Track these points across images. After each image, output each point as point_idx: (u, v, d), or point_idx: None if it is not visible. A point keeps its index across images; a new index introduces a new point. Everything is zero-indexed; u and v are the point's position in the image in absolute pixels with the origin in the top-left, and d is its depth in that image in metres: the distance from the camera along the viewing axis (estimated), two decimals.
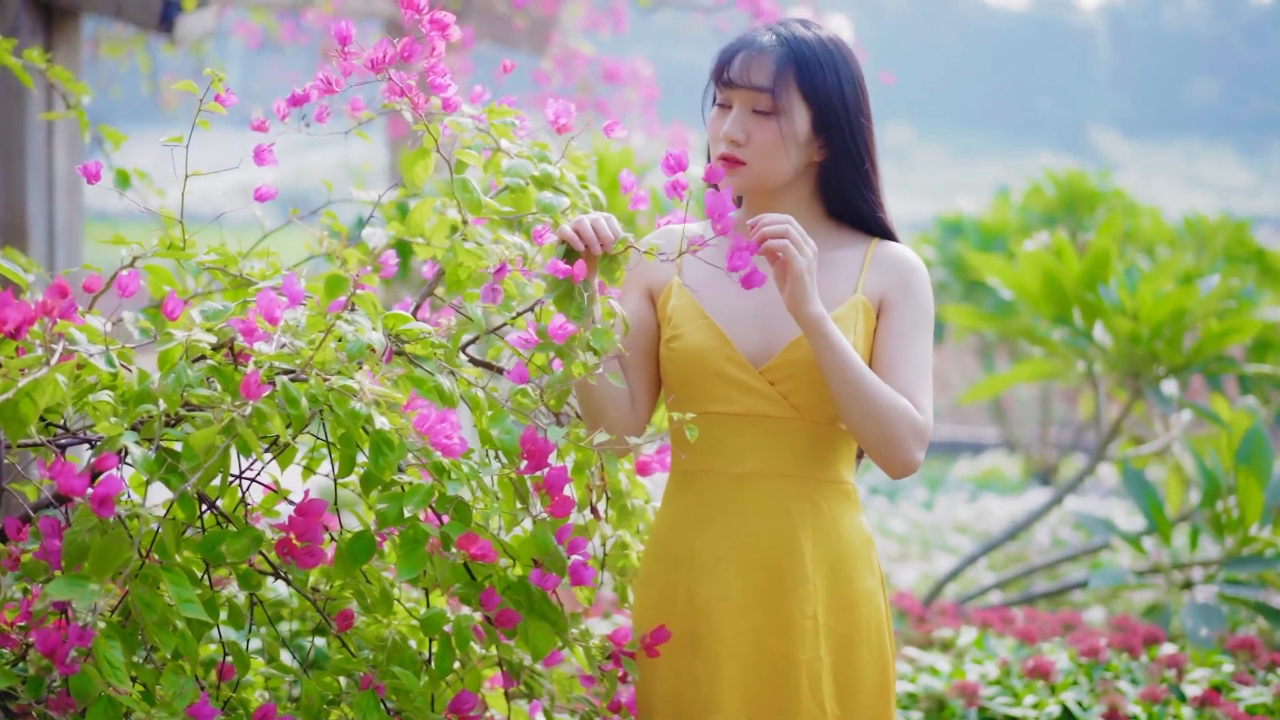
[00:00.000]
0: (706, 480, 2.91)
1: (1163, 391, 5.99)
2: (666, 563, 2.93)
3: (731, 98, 2.87)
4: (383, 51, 2.77)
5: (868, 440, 2.80)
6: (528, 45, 8.76)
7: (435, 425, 2.51)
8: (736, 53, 2.87)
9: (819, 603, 2.87)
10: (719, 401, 2.88)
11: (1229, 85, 59.07)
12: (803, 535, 2.87)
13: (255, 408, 2.46)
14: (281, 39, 10.60)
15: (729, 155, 2.87)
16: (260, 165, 2.98)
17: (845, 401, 2.77)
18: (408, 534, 2.61)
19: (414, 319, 2.76)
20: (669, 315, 2.93)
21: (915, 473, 2.91)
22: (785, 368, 2.86)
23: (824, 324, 2.75)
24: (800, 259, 2.70)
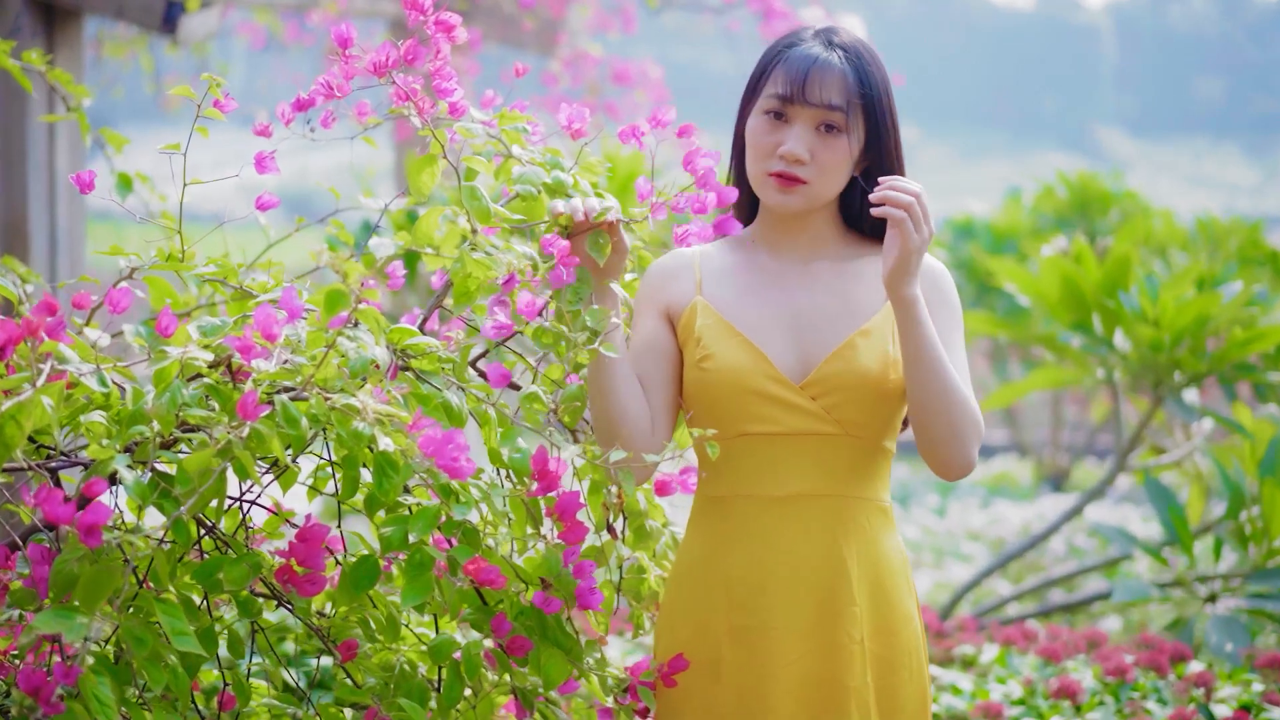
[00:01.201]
0: (742, 506, 2.78)
1: (1184, 399, 5.86)
2: (699, 594, 2.80)
3: (794, 113, 2.75)
4: (386, 54, 2.65)
5: (938, 435, 2.70)
6: (535, 47, 8.65)
7: (442, 446, 2.39)
8: (806, 69, 2.74)
9: (864, 627, 2.76)
10: (757, 421, 2.76)
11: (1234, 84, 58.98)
12: (848, 558, 2.76)
13: (253, 429, 2.34)
14: (285, 39, 10.50)
15: (788, 174, 2.76)
16: (262, 173, 2.87)
17: (926, 392, 2.68)
18: (413, 558, 2.48)
19: (420, 332, 2.64)
20: (697, 335, 2.80)
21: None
22: (827, 381, 2.75)
23: (918, 307, 2.66)
24: (915, 236, 2.62)
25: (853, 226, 2.90)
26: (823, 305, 2.81)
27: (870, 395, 2.74)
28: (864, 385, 2.74)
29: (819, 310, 2.80)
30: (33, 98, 5.11)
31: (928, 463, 2.76)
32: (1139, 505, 9.74)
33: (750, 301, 2.81)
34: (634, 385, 2.75)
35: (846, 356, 2.75)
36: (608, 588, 2.87)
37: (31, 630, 2.21)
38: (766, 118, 2.77)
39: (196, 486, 2.32)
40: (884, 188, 2.65)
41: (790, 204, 2.77)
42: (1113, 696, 4.19)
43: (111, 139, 4.34)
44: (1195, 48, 59.24)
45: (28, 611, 2.45)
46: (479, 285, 2.78)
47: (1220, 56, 58.95)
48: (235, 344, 2.37)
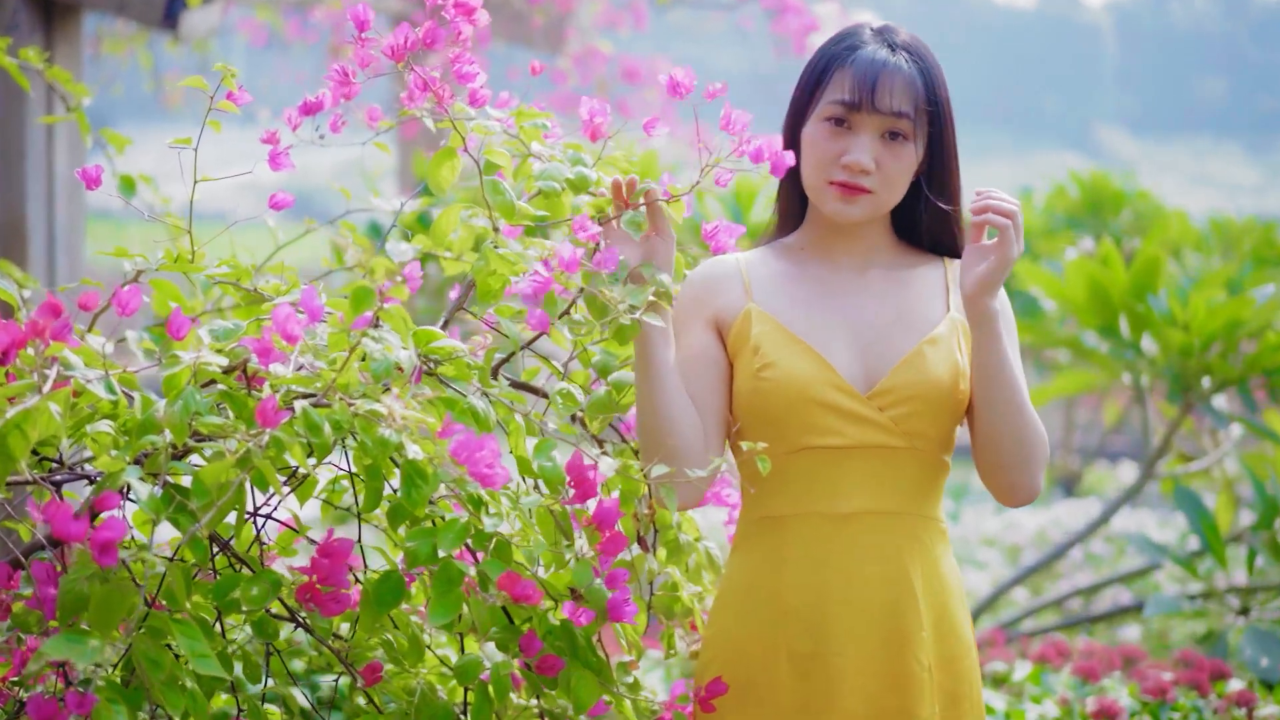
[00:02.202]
0: (802, 525, 2.63)
1: (1213, 405, 5.72)
2: (753, 619, 2.64)
3: (858, 120, 2.62)
4: (404, 37, 2.51)
5: (1009, 459, 2.58)
6: (543, 44, 8.50)
7: (474, 453, 2.25)
8: (874, 75, 2.61)
9: (931, 654, 2.62)
10: (820, 434, 2.61)
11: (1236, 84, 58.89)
12: (915, 579, 2.62)
13: (273, 436, 2.20)
14: (287, 36, 10.36)
15: (852, 184, 2.62)
16: (276, 169, 2.73)
17: (1000, 411, 2.57)
18: (441, 574, 2.34)
19: (445, 336, 2.51)
20: (754, 343, 2.65)
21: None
22: (896, 391, 2.61)
23: (998, 322, 2.56)
24: (1015, 248, 2.51)
25: (901, 234, 2.78)
26: (883, 314, 2.68)
27: (940, 406, 2.62)
28: (935, 395, 2.61)
29: (880, 319, 2.67)
30: (31, 96, 4.99)
31: (991, 487, 2.62)
32: (1154, 510, 9.60)
33: (807, 309, 2.67)
34: (683, 395, 2.60)
35: (916, 365, 2.62)
36: (638, 604, 2.73)
37: (41, 656, 2.07)
38: (827, 125, 2.63)
39: (214, 499, 2.18)
40: (985, 198, 2.54)
41: (853, 215, 2.64)
42: (1152, 717, 4.04)
43: (113, 139, 4.21)
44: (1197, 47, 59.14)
45: (30, 634, 2.31)
46: (503, 284, 2.64)
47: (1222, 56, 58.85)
48: (253, 346, 2.23)
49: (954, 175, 2.70)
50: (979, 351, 2.57)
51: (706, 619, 2.74)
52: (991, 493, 2.64)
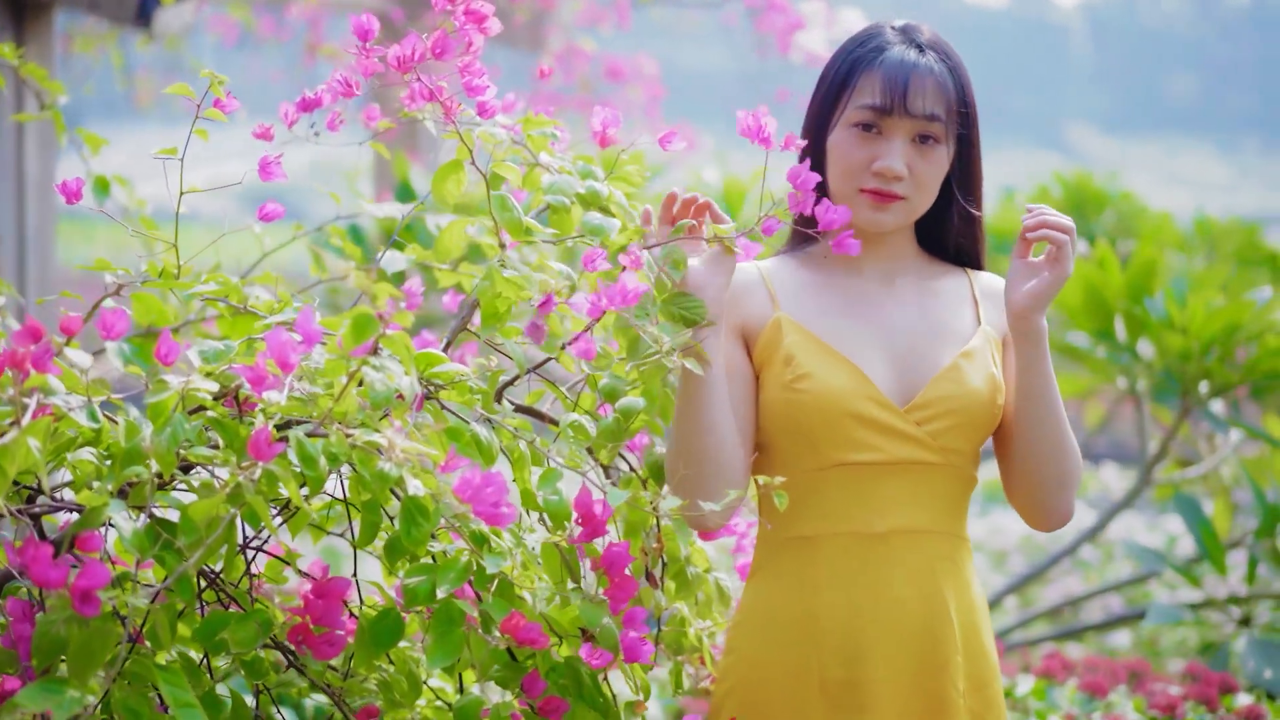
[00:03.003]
0: (835, 546, 2.51)
1: (1211, 410, 5.61)
2: (781, 645, 2.52)
3: (889, 125, 2.51)
4: (412, 48, 2.37)
5: (1047, 481, 2.49)
6: (524, 42, 8.36)
7: (481, 489, 2.11)
8: (905, 78, 2.50)
9: (963, 678, 2.51)
10: (856, 449, 2.49)
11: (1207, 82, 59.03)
12: (949, 601, 2.51)
13: (265, 470, 2.07)
14: (261, 34, 10.20)
15: (885, 191, 2.50)
16: (266, 179, 2.60)
17: (1040, 432, 2.48)
18: (441, 614, 2.21)
19: (448, 359, 2.37)
20: (786, 354, 2.52)
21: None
22: (934, 405, 2.50)
23: (1045, 340, 2.47)
24: (1069, 265, 2.44)
25: (922, 242, 2.66)
26: (915, 325, 2.56)
27: (977, 421, 2.52)
28: (973, 409, 2.50)
29: (913, 330, 2.55)
30: (2, 94, 4.85)
31: (1025, 509, 2.51)
32: (1142, 513, 9.50)
33: (837, 319, 2.55)
34: (729, 408, 2.48)
35: (955, 378, 2.51)
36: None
37: (15, 706, 1.93)
38: (855, 130, 2.52)
39: (203, 537, 2.05)
40: (1039, 214, 2.45)
41: (885, 222, 2.52)
42: None
43: (89, 140, 4.06)
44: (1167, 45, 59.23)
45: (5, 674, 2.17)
46: (509, 306, 2.51)
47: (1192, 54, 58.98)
48: (246, 373, 2.09)
49: (980, 179, 2.60)
50: (1026, 369, 2.47)
51: (721, 649, 2.61)
52: (1023, 515, 2.54)
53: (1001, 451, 2.56)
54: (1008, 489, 2.56)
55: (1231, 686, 4.24)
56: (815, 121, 2.57)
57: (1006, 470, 2.54)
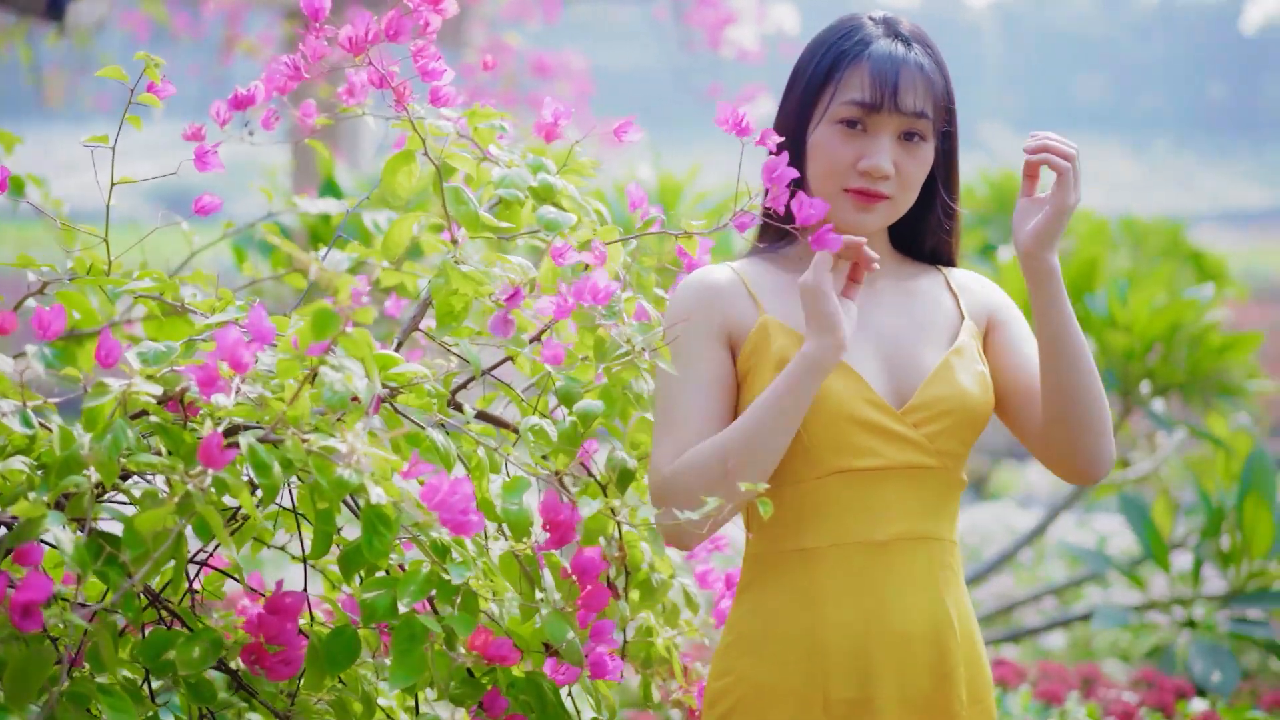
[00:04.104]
0: (838, 557, 2.38)
1: (1154, 410, 5.56)
2: (783, 664, 2.38)
3: (876, 122, 2.39)
4: (365, 29, 2.24)
5: (1092, 423, 2.36)
6: (447, 38, 8.20)
7: (447, 497, 1.98)
8: (894, 73, 2.38)
9: (966, 690, 2.40)
10: (857, 455, 2.37)
11: (1117, 83, 59.59)
12: (951, 609, 2.40)
13: (216, 478, 1.94)
14: (175, 30, 10.00)
15: (872, 191, 2.39)
16: (203, 170, 2.46)
17: (1077, 372, 2.35)
18: (402, 631, 2.08)
19: (404, 361, 2.24)
20: (777, 358, 2.37)
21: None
22: (929, 407, 2.39)
23: (1059, 278, 2.35)
24: (1074, 193, 2.32)
25: (898, 244, 2.57)
26: (900, 326, 2.45)
27: (969, 421, 2.41)
28: (967, 409, 2.40)
29: (899, 331, 2.45)
30: None
31: (1066, 463, 2.39)
32: (1071, 512, 9.47)
33: None
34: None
35: (947, 378, 2.41)
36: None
37: None
38: (839, 127, 2.40)
39: (150, 551, 1.91)
40: (1041, 139, 2.33)
41: (869, 224, 2.41)
42: None
43: (2, 137, 3.89)
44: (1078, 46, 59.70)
45: None
46: (466, 305, 2.38)
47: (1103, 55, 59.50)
48: (196, 375, 1.95)
49: (955, 175, 2.50)
50: (1045, 310, 2.35)
51: (708, 670, 2.49)
52: (1066, 469, 2.40)
53: (1027, 414, 2.44)
54: (1044, 448, 2.42)
55: (1186, 692, 4.17)
56: (795, 118, 2.45)
57: (1039, 432, 2.41)
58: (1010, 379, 2.47)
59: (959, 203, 2.51)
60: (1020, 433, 2.47)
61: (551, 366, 2.34)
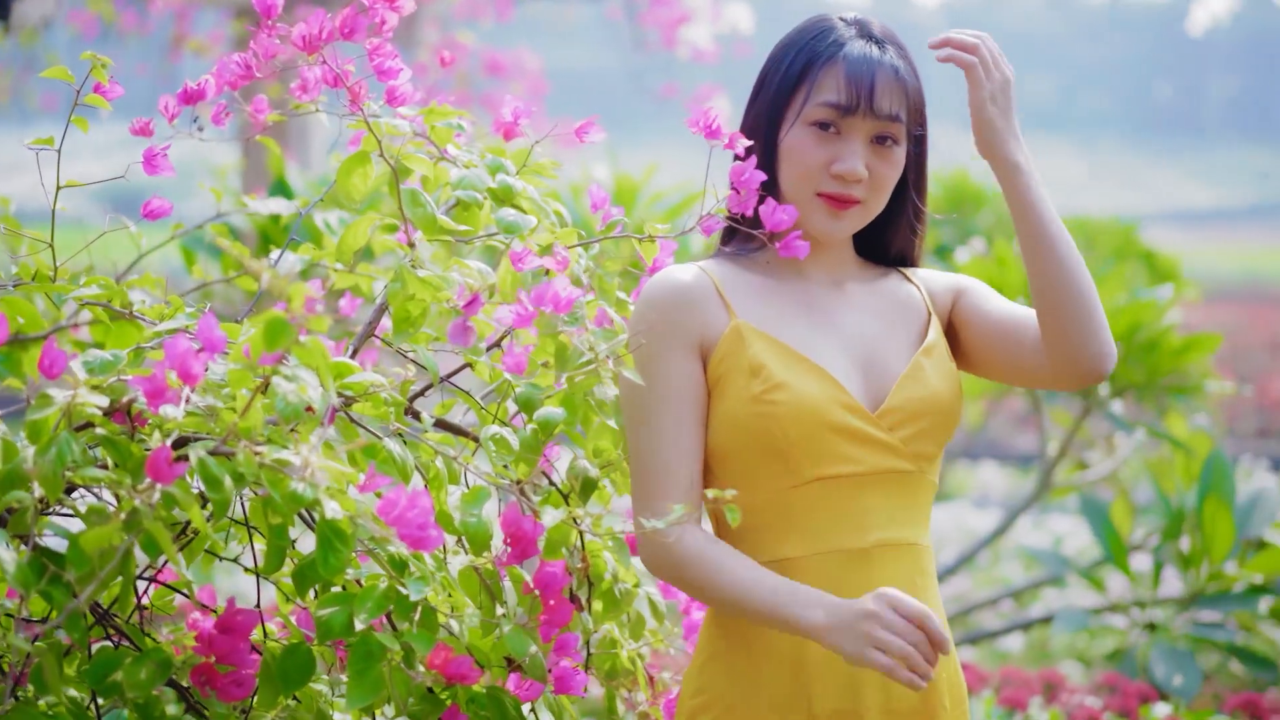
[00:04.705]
0: (819, 566, 2.31)
1: (1112, 411, 5.53)
2: (764, 681, 2.32)
3: (850, 125, 2.34)
4: (319, 26, 2.17)
5: (1086, 320, 2.29)
6: (399, 37, 8.12)
7: (406, 511, 1.92)
8: (870, 75, 2.33)
9: (948, 696, 2.36)
10: (834, 462, 2.31)
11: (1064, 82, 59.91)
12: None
13: (165, 493, 1.86)
14: (123, 28, 9.88)
15: (844, 196, 2.33)
16: (151, 174, 2.39)
17: (1062, 268, 2.29)
18: (359, 649, 2.01)
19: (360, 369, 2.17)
20: (752, 364, 2.32)
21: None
22: (903, 409, 2.34)
23: (1023, 169, 2.30)
24: (987, 83, 2.29)
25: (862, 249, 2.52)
26: (871, 328, 2.40)
27: (942, 421, 2.37)
28: (939, 410, 2.35)
29: (870, 334, 2.40)
30: None
31: (1072, 367, 2.32)
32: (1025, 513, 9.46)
33: (798, 325, 2.37)
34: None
35: (918, 379, 2.36)
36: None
37: None
38: (812, 130, 2.34)
39: (96, 570, 1.84)
40: (943, 38, 2.31)
41: (841, 230, 2.37)
42: None
43: None
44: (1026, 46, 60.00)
45: None
46: (423, 310, 2.31)
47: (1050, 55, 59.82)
48: (143, 386, 1.88)
49: (924, 179, 2.45)
50: (1019, 210, 2.30)
51: (680, 688, 2.43)
52: (1073, 374, 2.33)
53: (1017, 349, 2.38)
54: (1048, 362, 2.34)
55: (1149, 696, 4.14)
56: (764, 120, 2.39)
57: (1036, 351, 2.35)
58: (989, 328, 2.42)
59: (927, 206, 2.46)
60: (1018, 369, 2.40)
61: (511, 374, 2.27)
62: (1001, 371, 2.45)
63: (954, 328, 2.47)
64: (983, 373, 2.48)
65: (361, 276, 2.67)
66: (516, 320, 2.18)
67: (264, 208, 3.36)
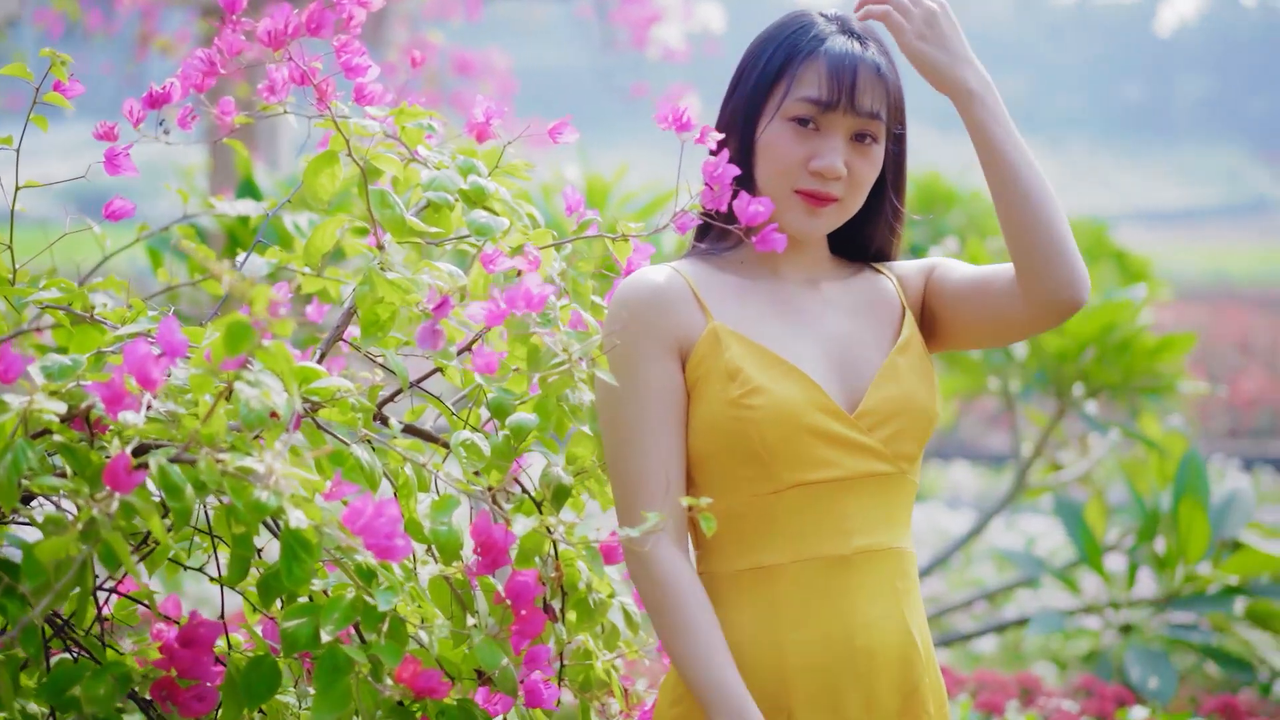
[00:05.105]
0: (797, 574, 2.28)
1: (1086, 411, 5.50)
2: (747, 688, 2.26)
3: (830, 121, 2.30)
4: (284, 22, 2.11)
5: (1058, 248, 2.25)
6: (367, 36, 8.05)
7: (373, 521, 1.86)
8: (852, 71, 2.29)
9: (931, 701, 2.32)
10: (814, 467, 2.27)
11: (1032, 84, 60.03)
12: (911, 623, 2.31)
13: (124, 502, 1.80)
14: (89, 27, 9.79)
15: (822, 193, 2.29)
16: (113, 173, 2.33)
17: (1027, 197, 2.25)
18: (326, 661, 1.96)
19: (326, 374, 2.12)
20: (729, 367, 2.27)
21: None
22: (881, 409, 2.30)
23: (980, 96, 2.27)
24: (909, 25, 2.27)
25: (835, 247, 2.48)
26: (848, 328, 2.37)
27: (921, 420, 2.33)
28: (916, 409, 2.32)
29: (847, 334, 2.36)
30: None
31: (1048, 300, 2.27)
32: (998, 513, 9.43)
33: (775, 326, 2.33)
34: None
35: (894, 378, 2.32)
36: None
37: None
38: (791, 126, 2.30)
39: (52, 582, 1.78)
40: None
41: (817, 229, 2.33)
42: None
43: None
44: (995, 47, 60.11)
45: None
46: (392, 314, 2.25)
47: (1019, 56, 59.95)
48: (101, 391, 1.82)
49: (903, 179, 2.41)
50: (978, 139, 2.28)
51: (657, 697, 2.38)
52: (1050, 307, 2.28)
53: (993, 298, 2.32)
54: (1023, 299, 2.28)
55: (1126, 699, 4.11)
56: (742, 115, 2.35)
57: (1010, 292, 2.30)
58: (961, 289, 2.37)
59: (905, 205, 2.42)
60: (996, 319, 2.35)
61: (483, 378, 2.22)
62: (981, 327, 2.38)
63: (930, 307, 2.43)
64: (967, 339, 2.41)
65: (330, 280, 2.61)
66: (488, 319, 2.12)
67: (231, 209, 3.31)
